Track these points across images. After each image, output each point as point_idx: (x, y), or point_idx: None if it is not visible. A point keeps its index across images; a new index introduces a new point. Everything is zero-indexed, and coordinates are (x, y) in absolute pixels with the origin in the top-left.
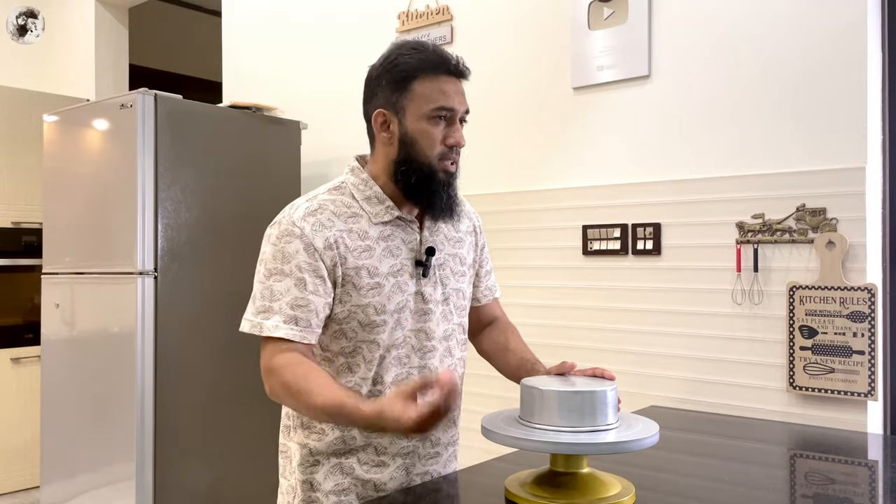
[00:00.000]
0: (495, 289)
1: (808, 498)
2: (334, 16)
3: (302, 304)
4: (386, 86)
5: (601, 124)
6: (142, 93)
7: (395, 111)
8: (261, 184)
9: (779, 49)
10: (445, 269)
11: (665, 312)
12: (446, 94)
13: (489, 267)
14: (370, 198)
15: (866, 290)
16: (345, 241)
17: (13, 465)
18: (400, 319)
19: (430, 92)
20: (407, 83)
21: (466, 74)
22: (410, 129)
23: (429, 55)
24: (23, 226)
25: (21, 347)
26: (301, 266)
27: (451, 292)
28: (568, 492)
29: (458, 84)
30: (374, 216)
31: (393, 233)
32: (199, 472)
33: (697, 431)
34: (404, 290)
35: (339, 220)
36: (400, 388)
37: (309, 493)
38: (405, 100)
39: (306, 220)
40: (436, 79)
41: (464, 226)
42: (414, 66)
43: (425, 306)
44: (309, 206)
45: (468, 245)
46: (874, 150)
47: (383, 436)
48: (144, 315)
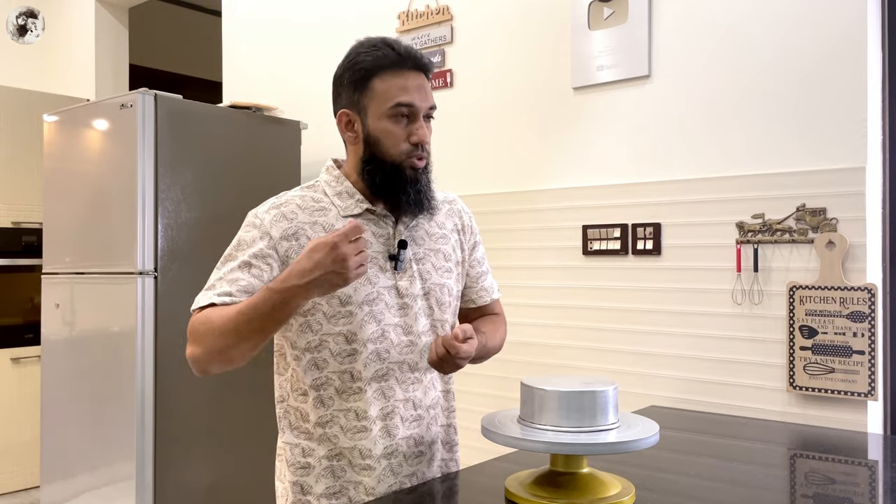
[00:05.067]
0: (493, 290)
1: (808, 498)
2: (334, 16)
3: (241, 284)
4: (347, 85)
5: (601, 124)
6: (142, 93)
7: (357, 111)
8: (261, 184)
9: (779, 49)
10: (426, 263)
11: (665, 312)
12: (406, 90)
13: (485, 268)
14: (341, 193)
15: (866, 290)
16: (306, 232)
17: (13, 465)
18: (373, 312)
19: (389, 89)
20: (367, 81)
21: (428, 69)
22: (373, 129)
23: (387, 52)
24: (23, 226)
25: (21, 347)
26: (251, 252)
27: (433, 287)
28: (568, 492)
29: (419, 79)
30: (343, 209)
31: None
32: (199, 471)
33: (697, 431)
34: (374, 282)
35: (304, 213)
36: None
37: (300, 496)
38: (366, 99)
39: (269, 212)
40: (395, 75)
41: (449, 223)
42: (372, 63)
43: (402, 300)
44: (275, 200)
45: (453, 242)
46: (874, 150)
47: (311, 285)
48: (144, 315)
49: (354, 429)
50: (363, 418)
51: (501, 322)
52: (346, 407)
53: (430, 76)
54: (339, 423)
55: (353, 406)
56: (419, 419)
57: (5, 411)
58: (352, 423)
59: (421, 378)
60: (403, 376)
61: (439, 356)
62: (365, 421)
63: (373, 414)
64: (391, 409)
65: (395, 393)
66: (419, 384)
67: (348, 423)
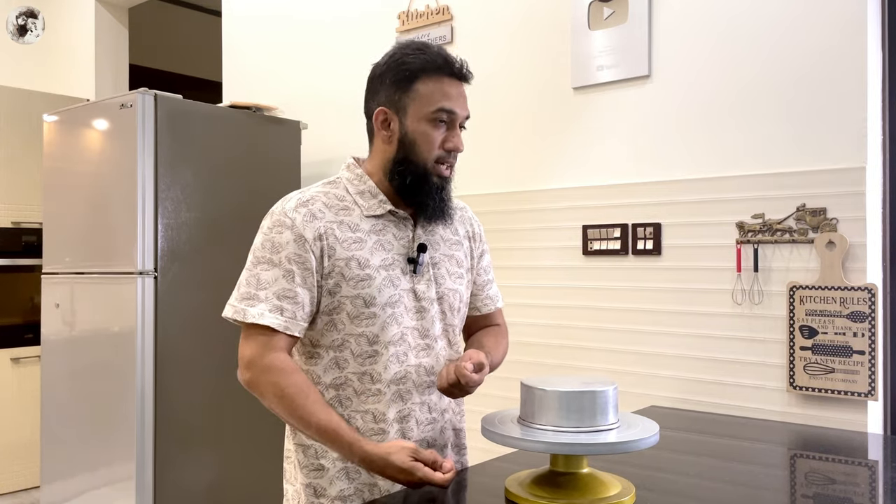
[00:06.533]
0: (497, 299)
1: (808, 498)
2: (334, 16)
3: (289, 296)
4: (389, 84)
5: (601, 124)
6: (142, 93)
7: (396, 110)
8: (261, 184)
9: (779, 49)
10: (441, 268)
11: (665, 312)
12: (449, 97)
13: (490, 277)
14: (363, 192)
15: (866, 290)
16: (334, 232)
17: (13, 465)
18: (395, 315)
19: (433, 93)
20: (410, 82)
21: (469, 78)
22: (411, 130)
23: (434, 56)
24: (23, 226)
25: (21, 347)
26: (290, 257)
27: (447, 292)
28: (568, 492)
29: (460, 87)
30: (366, 209)
31: (385, 227)
32: (199, 472)
33: (697, 431)
34: (396, 284)
35: (330, 212)
36: (406, 445)
37: (312, 497)
38: (407, 99)
39: (297, 210)
40: (439, 80)
41: (462, 229)
42: (418, 65)
43: (419, 304)
44: (301, 197)
45: (465, 249)
46: (874, 150)
47: (373, 474)
48: (144, 315)
49: (371, 431)
50: (381, 420)
51: (503, 335)
52: (363, 409)
53: (467, 85)
54: (355, 425)
55: (370, 408)
56: (433, 422)
57: (5, 411)
58: (369, 425)
59: (435, 381)
60: (420, 379)
61: (450, 383)
62: (382, 423)
63: (390, 416)
64: (408, 412)
65: (412, 396)
66: (434, 387)
67: (365, 424)
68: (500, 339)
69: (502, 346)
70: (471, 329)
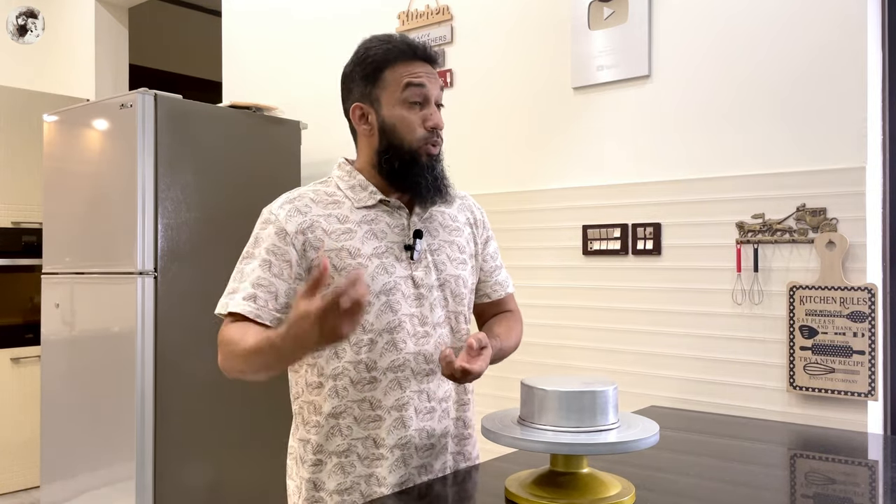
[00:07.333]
0: (507, 284)
1: (808, 498)
2: (334, 16)
3: (263, 284)
4: (359, 80)
5: (601, 124)
6: (142, 93)
7: (370, 103)
8: (261, 184)
9: (779, 49)
10: (441, 254)
11: (665, 312)
12: (417, 75)
13: (498, 263)
14: (354, 186)
15: (866, 290)
16: (321, 224)
17: (13, 465)
18: (390, 302)
19: (401, 76)
20: (379, 73)
21: (435, 59)
22: (388, 117)
23: (397, 44)
24: (23, 226)
25: (21, 347)
26: (269, 249)
27: (448, 278)
28: (568, 492)
29: (427, 67)
30: (357, 201)
31: (377, 217)
32: (199, 472)
33: (697, 431)
34: (391, 272)
35: (318, 207)
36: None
37: (313, 492)
38: (378, 90)
39: (283, 207)
40: (405, 64)
41: (462, 216)
42: (382, 55)
43: (418, 291)
44: (289, 195)
45: (467, 235)
46: (874, 150)
47: (306, 347)
48: (144, 315)
49: (368, 418)
50: (377, 408)
51: (516, 320)
52: (360, 397)
53: (436, 67)
54: (352, 414)
55: (367, 396)
56: (432, 411)
57: (5, 411)
58: (366, 413)
59: (435, 370)
60: (419, 367)
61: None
62: (379, 410)
63: (387, 404)
64: (406, 401)
65: (410, 384)
66: (433, 375)
67: (362, 413)
68: (512, 324)
69: (515, 331)
70: (484, 316)
